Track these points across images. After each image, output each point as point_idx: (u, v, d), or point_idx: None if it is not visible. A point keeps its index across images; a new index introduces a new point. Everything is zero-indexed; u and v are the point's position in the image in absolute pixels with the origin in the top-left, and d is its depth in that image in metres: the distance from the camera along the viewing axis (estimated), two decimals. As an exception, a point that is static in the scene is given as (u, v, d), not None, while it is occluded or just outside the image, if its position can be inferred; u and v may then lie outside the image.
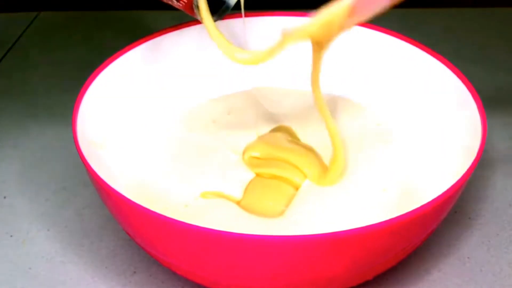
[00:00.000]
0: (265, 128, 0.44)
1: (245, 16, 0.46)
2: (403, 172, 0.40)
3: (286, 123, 0.44)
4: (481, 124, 0.37)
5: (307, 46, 0.47)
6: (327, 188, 0.39)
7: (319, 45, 0.34)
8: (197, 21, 0.46)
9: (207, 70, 0.47)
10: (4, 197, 0.44)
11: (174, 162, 0.41)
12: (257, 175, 0.40)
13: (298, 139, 0.43)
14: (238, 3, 0.40)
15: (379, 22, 0.46)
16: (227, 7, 0.39)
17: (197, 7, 0.38)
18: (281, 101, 0.47)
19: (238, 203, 0.38)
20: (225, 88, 0.47)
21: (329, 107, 0.46)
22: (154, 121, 0.44)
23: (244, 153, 0.41)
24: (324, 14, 0.32)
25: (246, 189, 0.39)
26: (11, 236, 0.41)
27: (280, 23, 0.46)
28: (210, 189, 0.39)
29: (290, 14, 0.47)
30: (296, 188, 0.39)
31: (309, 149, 0.41)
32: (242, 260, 0.31)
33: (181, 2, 0.39)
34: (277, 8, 0.48)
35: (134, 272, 0.38)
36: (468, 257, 0.39)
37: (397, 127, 0.44)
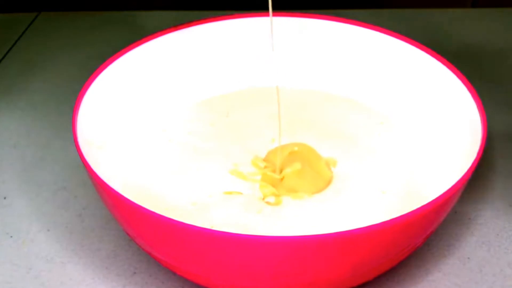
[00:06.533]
0: (264, 130, 0.44)
1: (244, 16, 0.47)
2: (403, 173, 0.40)
3: (285, 123, 0.44)
4: (481, 124, 0.37)
5: (307, 45, 0.47)
6: (329, 189, 0.39)
7: None
8: (196, 22, 0.46)
9: (205, 70, 0.47)
10: (4, 197, 0.44)
11: (173, 163, 0.41)
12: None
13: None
14: None
15: (381, 22, 0.47)
16: None
17: None
18: (280, 101, 0.47)
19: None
20: (224, 88, 0.47)
21: (333, 106, 0.46)
22: (154, 121, 0.44)
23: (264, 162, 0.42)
24: None
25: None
26: (11, 236, 0.41)
27: (281, 23, 0.47)
28: (207, 190, 0.39)
29: (290, 15, 0.47)
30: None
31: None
32: (242, 260, 0.31)
33: None
34: (278, 9, 0.48)
35: (134, 272, 0.38)
36: (468, 258, 0.39)
37: (398, 127, 0.44)
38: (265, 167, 0.40)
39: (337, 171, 0.40)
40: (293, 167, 0.39)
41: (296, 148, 0.41)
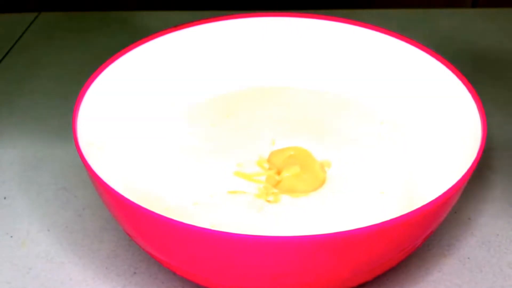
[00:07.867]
0: (264, 131, 0.44)
1: (244, 16, 0.47)
2: (403, 173, 0.40)
3: (285, 123, 0.44)
4: (481, 124, 0.37)
5: (307, 45, 0.47)
6: (329, 190, 0.39)
7: None
8: (196, 22, 0.46)
9: (205, 70, 0.47)
10: (4, 198, 0.44)
11: (173, 163, 0.41)
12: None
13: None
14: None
15: (381, 23, 0.47)
16: None
17: None
18: (280, 101, 0.47)
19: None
20: (224, 88, 0.47)
21: (332, 106, 0.46)
22: (154, 121, 0.44)
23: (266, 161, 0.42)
24: None
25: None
26: (11, 236, 0.41)
27: (279, 23, 0.47)
28: (208, 190, 0.39)
29: (290, 15, 0.47)
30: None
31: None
32: (242, 260, 0.31)
33: None
34: (277, 8, 0.48)
35: (134, 272, 0.38)
36: (468, 258, 0.39)
37: (397, 127, 0.44)
38: (269, 168, 0.41)
39: (337, 171, 0.40)
40: (292, 170, 0.40)
41: (292, 153, 0.41)
